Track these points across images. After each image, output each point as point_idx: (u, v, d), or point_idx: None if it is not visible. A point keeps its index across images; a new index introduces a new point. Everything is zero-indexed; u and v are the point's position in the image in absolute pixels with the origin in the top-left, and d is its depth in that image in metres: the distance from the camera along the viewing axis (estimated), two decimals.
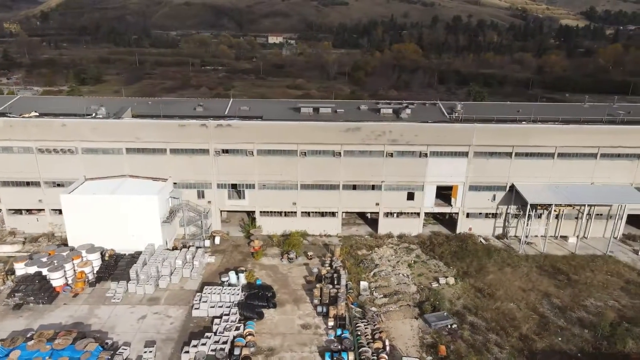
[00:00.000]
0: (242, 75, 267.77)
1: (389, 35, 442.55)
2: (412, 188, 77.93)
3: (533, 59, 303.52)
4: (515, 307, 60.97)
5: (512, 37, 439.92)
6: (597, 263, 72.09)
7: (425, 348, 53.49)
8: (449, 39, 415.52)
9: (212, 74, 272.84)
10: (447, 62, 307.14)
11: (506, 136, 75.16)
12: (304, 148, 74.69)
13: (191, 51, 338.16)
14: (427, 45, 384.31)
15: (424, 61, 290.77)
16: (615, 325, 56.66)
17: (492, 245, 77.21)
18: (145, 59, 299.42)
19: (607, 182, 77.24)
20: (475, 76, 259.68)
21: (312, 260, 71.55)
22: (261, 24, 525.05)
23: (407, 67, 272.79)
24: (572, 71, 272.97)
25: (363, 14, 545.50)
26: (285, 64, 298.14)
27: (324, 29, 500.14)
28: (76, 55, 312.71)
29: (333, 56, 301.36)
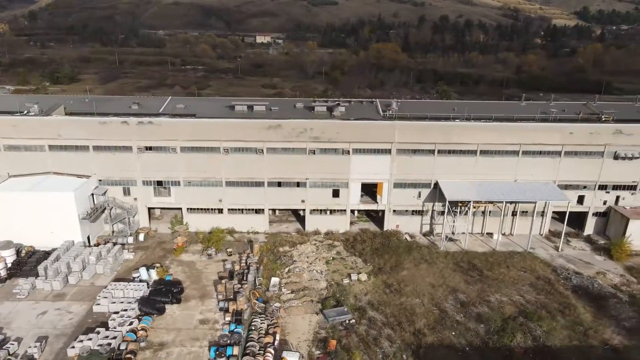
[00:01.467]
0: (221, 75, 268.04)
1: (375, 34, 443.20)
2: (337, 185, 78.47)
3: (516, 59, 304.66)
4: (419, 303, 61.54)
5: (497, 36, 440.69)
6: (514, 259, 72.65)
7: (316, 342, 54.03)
8: (436, 38, 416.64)
9: (191, 73, 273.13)
10: (425, 61, 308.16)
11: (428, 133, 75.69)
12: (226, 145, 75.21)
13: (175, 51, 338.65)
14: (413, 44, 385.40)
15: (404, 60, 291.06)
16: (509, 320, 57.25)
17: (417, 242, 77.79)
18: (126, 59, 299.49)
19: (530, 180, 77.85)
20: (453, 75, 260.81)
21: (232, 256, 72.07)
22: (250, 24, 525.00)
23: (385, 66, 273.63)
24: (550, 71, 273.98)
25: (352, 14, 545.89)
26: (265, 63, 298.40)
27: (312, 28, 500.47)
28: (57, 55, 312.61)
29: (311, 56, 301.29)
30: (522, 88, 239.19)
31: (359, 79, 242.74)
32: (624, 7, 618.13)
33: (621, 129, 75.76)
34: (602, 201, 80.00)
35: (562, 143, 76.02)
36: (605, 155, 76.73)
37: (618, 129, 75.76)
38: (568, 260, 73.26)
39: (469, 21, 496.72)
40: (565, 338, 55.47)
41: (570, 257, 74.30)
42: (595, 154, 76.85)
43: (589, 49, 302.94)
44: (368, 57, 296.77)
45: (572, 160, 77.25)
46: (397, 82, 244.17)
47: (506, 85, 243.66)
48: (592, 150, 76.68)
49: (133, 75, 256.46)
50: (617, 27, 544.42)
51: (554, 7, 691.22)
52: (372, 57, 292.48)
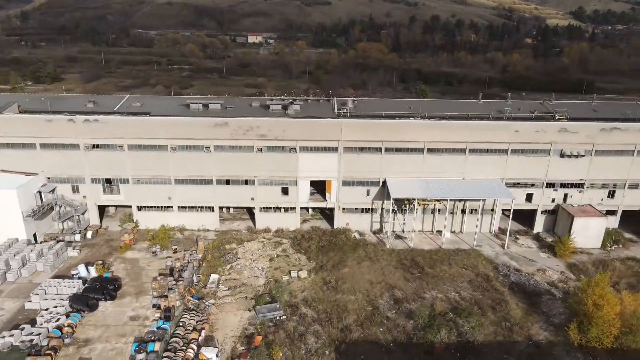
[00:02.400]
0: (206, 75, 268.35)
1: (366, 34, 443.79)
2: (286, 183, 78.78)
3: (503, 58, 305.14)
4: (354, 299, 61.86)
5: (488, 36, 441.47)
6: (459, 257, 72.96)
7: (242, 338, 54.36)
8: (427, 38, 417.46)
9: (176, 73, 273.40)
10: (413, 61, 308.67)
11: (375, 131, 76.01)
12: (174, 143, 75.52)
13: (163, 50, 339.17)
14: (403, 44, 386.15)
15: (389, 60, 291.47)
16: (437, 316, 57.60)
17: (365, 240, 78.06)
18: (112, 58, 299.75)
19: (478, 178, 78.20)
20: (437, 75, 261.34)
21: (177, 254, 72.37)
22: (242, 24, 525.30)
23: (371, 65, 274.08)
24: (535, 70, 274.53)
25: (345, 14, 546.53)
26: (251, 63, 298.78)
27: (304, 28, 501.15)
28: (44, 55, 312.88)
29: (296, 56, 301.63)
30: (505, 87, 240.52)
31: (343, 79, 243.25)
32: (620, 7, 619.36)
33: (566, 127, 76.14)
34: (551, 199, 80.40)
35: (508, 141, 76.40)
36: (552, 153, 77.10)
37: (563, 127, 76.15)
38: (512, 258, 73.63)
39: (460, 21, 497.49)
40: (491, 334, 55.85)
41: (515, 255, 74.66)
42: (542, 152, 77.22)
43: (574, 48, 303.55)
44: (355, 57, 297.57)
45: (519, 158, 77.62)
46: (380, 82, 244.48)
47: (490, 85, 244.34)
48: (538, 148, 77.06)
49: (117, 75, 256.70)
50: (612, 27, 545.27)
51: (549, 7, 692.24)
52: (357, 57, 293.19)
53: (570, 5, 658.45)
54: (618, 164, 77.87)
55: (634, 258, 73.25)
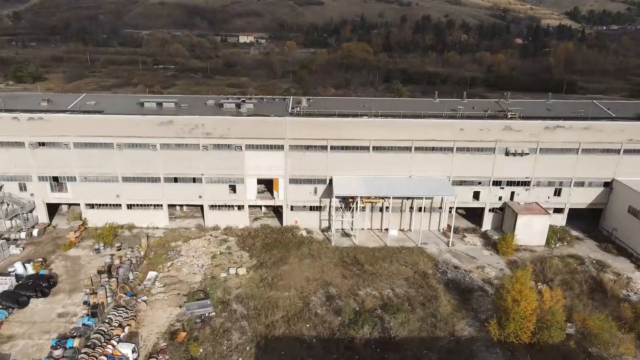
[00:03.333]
0: (190, 74, 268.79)
1: (356, 34, 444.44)
2: (233, 181, 79.15)
3: (490, 58, 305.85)
4: (287, 296, 62.21)
5: (478, 36, 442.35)
6: (402, 254, 73.34)
7: (167, 334, 54.69)
8: (417, 38, 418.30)
9: (161, 72, 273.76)
10: (401, 60, 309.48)
11: (319, 129, 76.37)
12: (119, 141, 75.88)
13: (150, 50, 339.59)
14: (394, 44, 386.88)
15: (374, 60, 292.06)
16: (364, 313, 57.94)
17: (312, 237, 78.33)
18: (98, 58, 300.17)
19: (425, 176, 78.55)
20: (421, 75, 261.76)
21: (120, 251, 72.69)
22: (234, 24, 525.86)
23: (355, 65, 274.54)
24: (520, 70, 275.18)
25: (338, 14, 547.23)
26: (236, 63, 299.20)
27: (296, 28, 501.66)
28: (30, 54, 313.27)
29: (280, 56, 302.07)
30: (488, 87, 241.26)
31: (326, 78, 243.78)
32: (616, 7, 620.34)
33: (510, 125, 76.53)
34: (498, 197, 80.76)
35: (453, 139, 76.81)
36: (497, 151, 77.52)
37: (507, 125, 76.54)
38: (455, 255, 73.98)
39: (451, 21, 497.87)
40: (416, 329, 56.23)
41: (459, 252, 75.02)
42: (487, 150, 77.63)
43: (560, 48, 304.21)
44: (341, 57, 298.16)
45: (465, 156, 78.00)
46: (363, 82, 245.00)
47: (474, 85, 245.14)
48: (483, 147, 77.47)
49: (101, 75, 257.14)
50: (607, 27, 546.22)
51: (545, 8, 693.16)
52: (343, 57, 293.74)
53: (567, 6, 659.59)
54: (563, 162, 78.25)
55: (575, 255, 73.61)
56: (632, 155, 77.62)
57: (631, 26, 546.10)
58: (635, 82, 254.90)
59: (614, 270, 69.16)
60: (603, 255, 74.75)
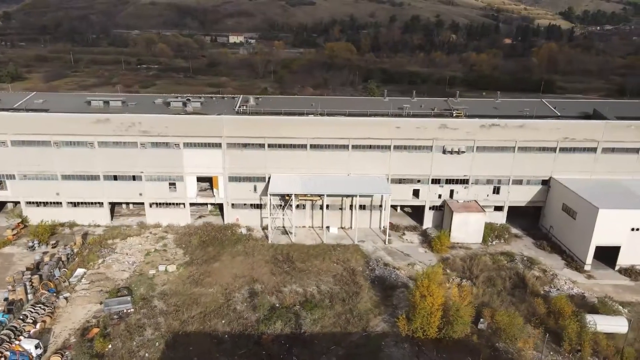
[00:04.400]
0: (172, 74, 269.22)
1: (345, 34, 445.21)
2: (173, 179, 79.51)
3: (475, 58, 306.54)
4: (211, 292, 62.61)
5: (466, 36, 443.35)
6: (336, 252, 73.72)
7: (79, 330, 55.08)
8: (406, 38, 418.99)
9: (143, 72, 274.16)
10: (387, 61, 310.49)
11: (256, 128, 76.76)
12: (57, 139, 76.20)
13: (136, 50, 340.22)
14: (382, 44, 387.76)
15: (357, 60, 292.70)
16: (280, 309, 58.38)
17: (251, 235, 78.68)
18: (82, 58, 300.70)
19: (363, 174, 78.94)
20: (402, 75, 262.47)
21: (55, 248, 73.08)
22: (225, 24, 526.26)
23: (338, 65, 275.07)
24: (504, 70, 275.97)
25: (329, 14, 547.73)
26: (221, 62, 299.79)
27: (286, 28, 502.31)
28: (15, 54, 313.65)
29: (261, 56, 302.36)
30: (468, 87, 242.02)
31: (307, 78, 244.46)
32: (612, 7, 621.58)
33: (446, 123, 76.96)
34: (437, 195, 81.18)
35: (390, 137, 77.20)
36: (434, 149, 77.92)
37: (443, 123, 76.97)
38: (389, 253, 74.40)
39: (440, 21, 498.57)
40: (330, 325, 56.64)
41: (394, 250, 75.44)
42: (424, 148, 78.03)
43: (543, 48, 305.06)
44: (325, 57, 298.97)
45: (403, 155, 78.42)
46: (343, 81, 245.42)
47: (455, 84, 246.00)
48: (420, 145, 77.87)
49: (82, 74, 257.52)
50: (601, 27, 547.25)
51: (539, 8, 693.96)
52: (326, 56, 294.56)
53: (562, 6, 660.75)
54: (500, 160, 78.66)
55: (508, 253, 74.05)
56: (568, 153, 78.02)
57: (625, 26, 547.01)
58: (616, 82, 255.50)
59: (541, 267, 69.64)
60: (537, 252, 75.24)
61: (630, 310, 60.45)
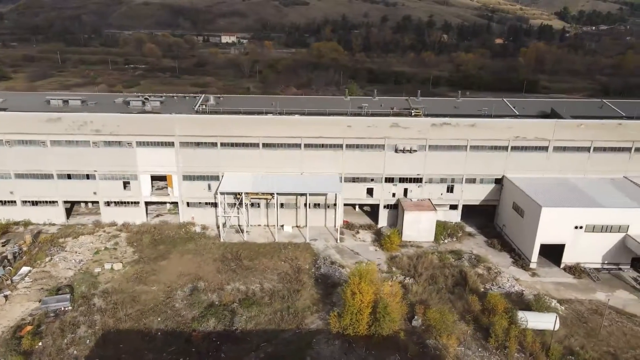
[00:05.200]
0: (158, 74, 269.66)
1: (337, 34, 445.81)
2: (127, 177, 79.77)
3: (464, 58, 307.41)
4: (153, 291, 62.86)
5: (457, 36, 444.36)
6: (286, 250, 73.94)
7: (11, 328, 55.32)
8: (397, 38, 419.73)
9: (130, 72, 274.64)
10: (375, 61, 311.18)
11: (208, 127, 77.04)
12: (8, 138, 76.43)
13: (126, 50, 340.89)
14: (373, 44, 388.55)
15: (343, 59, 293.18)
16: (217, 306, 58.68)
17: (205, 234, 78.94)
18: (70, 58, 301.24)
19: (317, 172, 79.20)
20: (388, 74, 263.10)
21: (5, 246, 73.28)
22: (218, 24, 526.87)
23: (324, 65, 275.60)
24: (490, 69, 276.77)
25: (323, 14, 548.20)
26: (207, 62, 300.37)
27: (279, 28, 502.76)
28: (3, 54, 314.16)
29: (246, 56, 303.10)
30: (453, 87, 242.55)
31: (291, 78, 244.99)
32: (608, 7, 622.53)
33: (397, 122, 77.23)
34: (391, 193, 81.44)
35: (342, 136, 77.45)
36: (386, 148, 78.15)
37: (395, 122, 77.23)
38: (339, 251, 74.66)
39: (432, 21, 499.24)
40: (265, 322, 56.93)
41: (344, 248, 75.71)
42: (377, 147, 78.27)
43: (531, 48, 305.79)
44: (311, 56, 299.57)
45: (355, 153, 78.67)
46: (328, 81, 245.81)
47: (440, 84, 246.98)
48: (372, 144, 78.11)
49: (67, 74, 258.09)
50: (596, 27, 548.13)
51: (535, 8, 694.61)
52: (312, 56, 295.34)
53: (559, 6, 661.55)
54: (453, 159, 78.89)
55: (457, 251, 74.32)
56: (520, 152, 78.30)
57: (620, 26, 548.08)
58: (602, 82, 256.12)
59: (487, 265, 69.92)
60: (487, 250, 75.54)
61: (567, 308, 60.78)
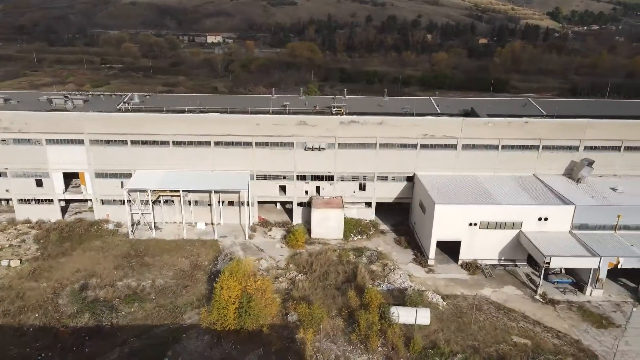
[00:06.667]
0: (132, 73, 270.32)
1: (321, 34, 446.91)
2: (39, 175, 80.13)
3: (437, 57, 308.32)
4: (42, 287, 63.27)
5: (441, 36, 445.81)
6: (192, 247, 74.57)
7: None
8: (381, 38, 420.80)
9: (104, 71, 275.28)
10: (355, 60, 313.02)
11: (118, 125, 77.46)
12: None
13: (105, 50, 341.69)
14: (357, 44, 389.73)
15: (318, 59, 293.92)
16: (95, 303, 59.21)
17: (118, 231, 79.35)
18: (45, 57, 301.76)
19: (228, 170, 79.66)
20: (360, 74, 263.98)
21: None
22: (204, 24, 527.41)
23: (298, 64, 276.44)
24: (463, 69, 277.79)
25: (311, 14, 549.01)
26: (184, 62, 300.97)
27: (264, 28, 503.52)
28: None
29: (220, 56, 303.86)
30: (423, 86, 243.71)
31: (262, 77, 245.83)
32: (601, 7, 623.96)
33: (305, 120, 77.67)
34: (304, 191, 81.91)
35: (251, 134, 77.91)
36: (296, 146, 78.58)
37: (302, 120, 77.67)
38: (244, 248, 75.14)
39: (417, 21, 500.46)
40: (142, 318, 57.41)
41: (251, 245, 76.20)
42: (286, 144, 78.70)
43: (506, 48, 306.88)
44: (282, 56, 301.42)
45: (266, 151, 79.11)
46: (298, 81, 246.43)
47: (409, 84, 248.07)
48: (282, 141, 78.51)
49: (39, 74, 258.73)
50: (587, 27, 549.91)
51: (527, 8, 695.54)
52: (288, 56, 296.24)
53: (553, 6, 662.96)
54: (363, 157, 79.26)
55: (362, 248, 74.81)
56: (430, 150, 78.75)
57: (612, 26, 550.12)
58: (575, 82, 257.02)
59: (384, 262, 70.35)
60: (393, 247, 76.12)
61: (449, 303, 61.29)
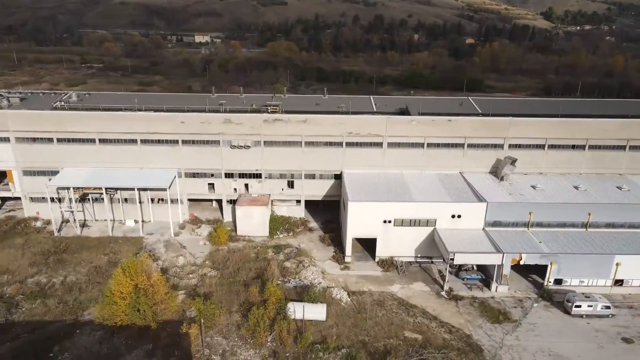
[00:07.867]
0: (110, 73, 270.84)
1: (307, 34, 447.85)
2: None
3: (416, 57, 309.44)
4: None
5: (428, 36, 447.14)
6: (115, 244, 75.14)
7: None
8: (368, 37, 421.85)
9: (82, 71, 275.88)
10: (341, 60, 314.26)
11: (42, 122, 77.91)
12: None
13: (87, 49, 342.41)
14: (343, 44, 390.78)
15: (298, 59, 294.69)
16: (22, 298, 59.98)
17: (44, 228, 79.75)
18: (26, 57, 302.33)
19: (156, 168, 80.00)
20: (337, 73, 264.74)
21: None
22: (193, 23, 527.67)
23: (277, 64, 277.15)
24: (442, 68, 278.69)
25: (301, 14, 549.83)
26: (163, 61, 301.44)
27: (253, 28, 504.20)
28: None
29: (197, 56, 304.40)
30: (398, 85, 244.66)
31: (239, 77, 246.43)
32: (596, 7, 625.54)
33: (230, 118, 78.09)
34: (232, 189, 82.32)
35: (176, 132, 78.30)
36: (222, 144, 78.98)
37: (227, 118, 78.08)
38: (167, 245, 75.74)
39: (404, 21, 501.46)
40: (42, 314, 57.92)
41: (174, 242, 76.72)
42: (213, 142, 79.10)
43: (486, 48, 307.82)
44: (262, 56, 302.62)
45: (193, 149, 79.48)
46: (274, 80, 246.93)
47: (386, 83, 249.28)
48: (208, 139, 78.93)
49: (15, 74, 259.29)
50: (581, 27, 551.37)
51: (521, 8, 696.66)
52: (268, 55, 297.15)
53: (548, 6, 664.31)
54: (290, 155, 79.65)
55: (284, 245, 75.32)
56: (356, 148, 79.13)
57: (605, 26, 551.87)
58: (551, 82, 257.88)
59: (301, 259, 70.74)
60: (315, 245, 76.59)
61: (354, 300, 61.77)
